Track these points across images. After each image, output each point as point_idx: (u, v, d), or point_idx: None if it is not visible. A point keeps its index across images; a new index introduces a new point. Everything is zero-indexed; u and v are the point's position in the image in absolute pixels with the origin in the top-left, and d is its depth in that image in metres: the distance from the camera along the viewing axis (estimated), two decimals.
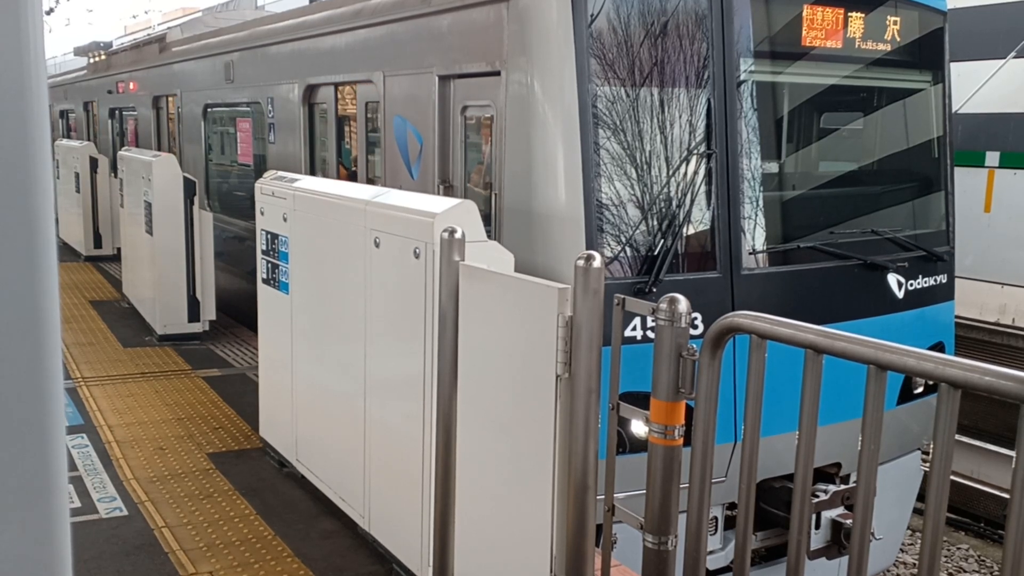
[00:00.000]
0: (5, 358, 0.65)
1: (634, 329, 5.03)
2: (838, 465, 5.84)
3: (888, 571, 8.26)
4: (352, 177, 7.60)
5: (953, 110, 6.80)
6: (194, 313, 9.32)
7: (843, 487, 5.66)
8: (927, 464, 5.82)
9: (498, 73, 5.39)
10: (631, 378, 3.87)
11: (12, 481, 0.66)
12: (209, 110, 10.94)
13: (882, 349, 2.52)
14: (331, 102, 7.81)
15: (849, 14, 5.83)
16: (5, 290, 0.65)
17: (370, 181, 7.15)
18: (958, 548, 9.05)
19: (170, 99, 12.38)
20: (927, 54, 6.43)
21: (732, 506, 5.50)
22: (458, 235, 3.77)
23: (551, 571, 3.39)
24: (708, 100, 5.39)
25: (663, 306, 3.02)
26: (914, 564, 8.55)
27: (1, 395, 0.65)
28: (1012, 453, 9.64)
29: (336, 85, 7.62)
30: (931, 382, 6.10)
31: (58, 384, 0.70)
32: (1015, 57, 12.35)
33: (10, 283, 0.65)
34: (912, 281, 6.16)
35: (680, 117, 5.35)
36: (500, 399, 3.62)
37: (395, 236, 4.34)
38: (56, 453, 0.69)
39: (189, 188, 9.02)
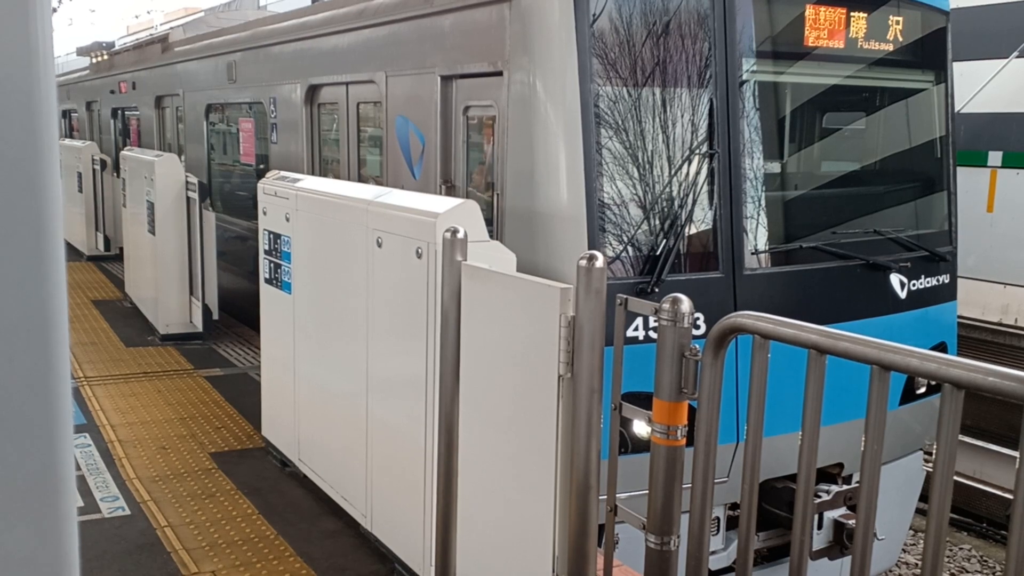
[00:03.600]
0: (14, 358, 0.66)
1: (636, 329, 5.03)
2: (840, 465, 5.84)
3: (890, 571, 8.25)
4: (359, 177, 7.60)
5: (956, 110, 6.79)
6: (208, 324, 9.20)
7: (845, 487, 5.65)
8: (929, 464, 5.80)
9: (500, 73, 5.39)
10: (633, 378, 3.87)
11: (21, 481, 0.66)
12: (212, 110, 10.95)
13: (885, 349, 2.52)
14: (333, 102, 7.81)
15: (851, 14, 5.83)
16: (13, 290, 0.65)
17: (376, 181, 7.15)
18: (960, 548, 9.04)
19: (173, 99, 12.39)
20: (930, 54, 6.42)
21: (734, 506, 5.49)
22: (460, 235, 3.77)
23: (553, 571, 3.39)
24: (710, 100, 5.39)
25: (666, 306, 3.02)
26: (916, 564, 8.54)
27: (10, 395, 0.66)
28: (1014, 453, 9.64)
29: (338, 85, 7.62)
30: (934, 382, 6.10)
31: (66, 385, 0.70)
32: (1018, 57, 12.33)
33: (18, 283, 0.65)
34: (914, 281, 6.15)
35: (682, 117, 5.35)
36: (502, 399, 3.63)
37: (397, 236, 4.34)
38: (64, 453, 0.69)
39: (202, 192, 8.96)
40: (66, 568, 0.69)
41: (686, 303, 3.01)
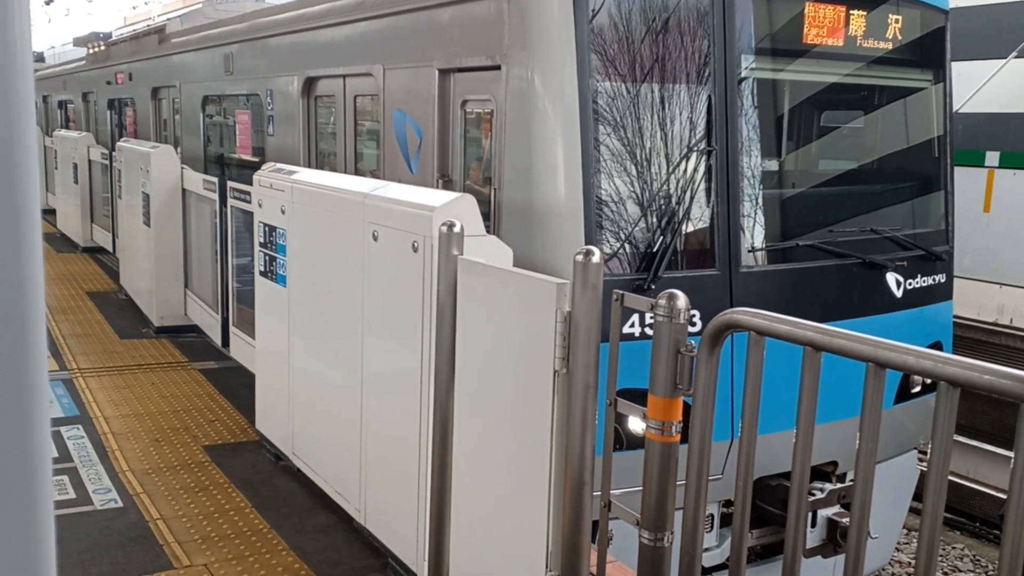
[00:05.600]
0: None
1: (632, 326, 5.02)
2: (835, 463, 5.84)
3: (883, 570, 8.27)
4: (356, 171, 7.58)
5: (954, 109, 6.78)
6: (227, 339, 8.89)
7: (840, 486, 5.65)
8: (923, 464, 5.79)
9: (498, 67, 5.37)
10: (629, 374, 3.86)
11: None
12: (208, 102, 10.91)
13: (881, 347, 2.51)
14: (331, 95, 7.78)
15: (851, 12, 5.81)
16: None
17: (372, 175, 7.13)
18: (953, 547, 9.06)
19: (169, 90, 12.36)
20: (928, 53, 6.41)
21: (728, 503, 5.49)
22: (457, 229, 3.75)
23: (547, 566, 3.38)
24: (709, 97, 5.38)
25: (662, 302, 3.01)
26: (909, 563, 8.55)
27: None
28: (1008, 453, 9.65)
29: (336, 78, 7.60)
30: (929, 382, 6.09)
31: (43, 374, 0.68)
32: (1016, 57, 12.33)
33: None
34: (911, 280, 6.15)
35: (680, 114, 5.34)
36: (498, 394, 3.61)
37: (393, 229, 4.33)
38: (41, 444, 0.67)
39: (223, 192, 8.77)
40: (42, 560, 0.68)
41: (682, 299, 3.00)
